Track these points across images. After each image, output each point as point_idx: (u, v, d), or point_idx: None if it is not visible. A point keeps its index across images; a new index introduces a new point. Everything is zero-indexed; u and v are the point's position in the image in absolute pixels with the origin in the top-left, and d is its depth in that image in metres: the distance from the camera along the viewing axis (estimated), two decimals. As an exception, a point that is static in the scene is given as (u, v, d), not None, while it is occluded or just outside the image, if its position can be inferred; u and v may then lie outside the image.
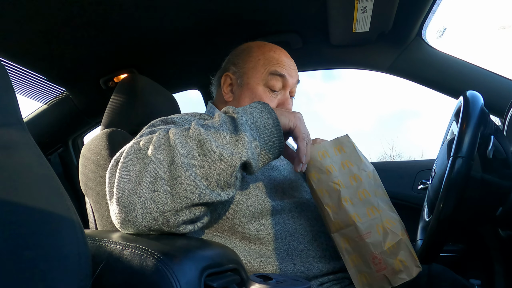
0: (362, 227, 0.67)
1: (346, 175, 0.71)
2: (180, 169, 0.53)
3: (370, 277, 0.68)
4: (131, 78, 1.07)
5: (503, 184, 0.69)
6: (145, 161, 0.54)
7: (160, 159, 0.54)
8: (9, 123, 0.40)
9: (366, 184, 0.70)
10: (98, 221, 0.87)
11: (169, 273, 0.41)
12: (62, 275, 0.37)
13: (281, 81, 0.87)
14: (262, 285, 0.37)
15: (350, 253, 0.70)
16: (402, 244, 0.67)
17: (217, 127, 0.58)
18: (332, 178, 0.70)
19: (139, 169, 0.54)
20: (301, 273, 0.71)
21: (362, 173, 0.71)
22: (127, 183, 0.53)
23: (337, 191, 0.69)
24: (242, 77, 0.90)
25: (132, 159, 0.55)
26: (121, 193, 0.53)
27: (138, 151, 0.56)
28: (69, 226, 0.39)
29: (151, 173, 0.53)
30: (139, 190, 0.52)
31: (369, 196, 0.69)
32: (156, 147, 0.55)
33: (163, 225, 0.54)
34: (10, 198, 0.36)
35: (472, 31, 7.68)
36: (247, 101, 0.87)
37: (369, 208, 0.69)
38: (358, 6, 0.99)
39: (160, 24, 1.10)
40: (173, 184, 0.53)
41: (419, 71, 1.25)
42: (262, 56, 0.89)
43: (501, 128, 0.85)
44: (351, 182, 0.70)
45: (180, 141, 0.55)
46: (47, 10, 0.94)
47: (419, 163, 1.46)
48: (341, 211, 0.69)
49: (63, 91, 1.45)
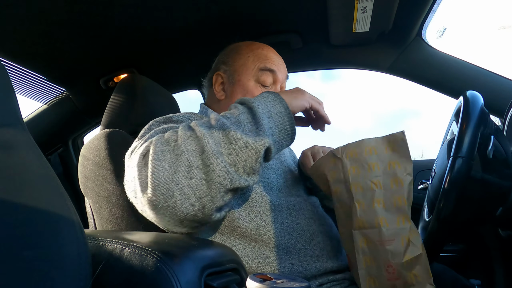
0: (387, 233, 0.65)
1: (389, 176, 0.67)
2: (211, 157, 0.56)
3: (379, 283, 0.67)
4: (131, 78, 1.08)
5: (503, 184, 0.69)
6: (176, 153, 0.57)
7: (191, 149, 0.57)
8: (9, 123, 0.40)
9: (406, 191, 0.66)
10: (97, 221, 0.87)
11: (169, 273, 0.41)
12: (62, 275, 0.37)
13: (271, 76, 0.89)
14: (262, 285, 0.37)
15: (366, 254, 0.68)
16: (421, 259, 0.65)
17: (237, 117, 0.61)
18: (371, 177, 0.67)
19: (171, 159, 0.57)
20: (299, 273, 0.71)
21: (406, 178, 0.66)
22: (161, 172, 0.56)
23: (372, 191, 0.66)
24: (233, 75, 0.91)
25: (162, 150, 0.58)
26: (157, 181, 0.55)
27: (166, 143, 0.59)
28: (69, 226, 0.39)
29: (184, 163, 0.56)
30: (176, 178, 0.55)
31: (405, 205, 0.65)
32: (184, 139, 0.58)
33: (199, 211, 0.57)
34: (10, 198, 0.36)
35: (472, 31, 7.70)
36: (235, 96, 0.89)
37: (400, 217, 0.65)
38: (358, 6, 0.99)
39: (160, 24, 1.10)
40: (207, 171, 0.56)
41: (419, 71, 1.25)
42: (251, 53, 0.91)
43: (501, 128, 0.85)
44: (391, 185, 0.66)
45: (206, 131, 0.58)
46: (47, 10, 0.94)
47: (419, 163, 1.46)
48: (370, 211, 0.66)
49: (63, 91, 1.45)
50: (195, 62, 1.38)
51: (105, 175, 0.82)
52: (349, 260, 0.75)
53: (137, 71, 1.35)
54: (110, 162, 0.82)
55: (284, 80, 0.93)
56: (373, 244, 0.66)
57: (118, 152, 0.84)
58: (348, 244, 0.74)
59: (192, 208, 0.56)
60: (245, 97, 0.67)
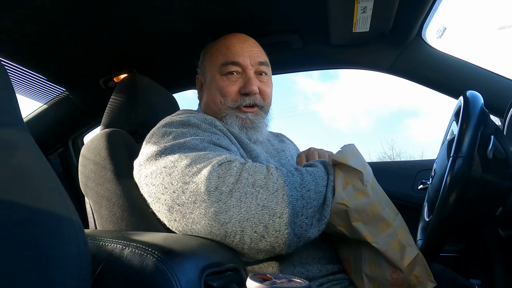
0: (378, 246, 0.65)
1: (351, 192, 0.67)
2: (283, 226, 0.61)
3: (383, 287, 0.68)
4: (131, 78, 1.07)
5: (503, 184, 0.69)
6: (258, 202, 0.61)
7: (271, 207, 0.61)
8: (9, 123, 0.40)
9: (374, 197, 0.67)
10: (97, 221, 0.87)
11: (169, 273, 0.41)
12: (62, 275, 0.37)
13: (237, 66, 0.88)
14: (262, 285, 0.37)
15: (372, 259, 0.69)
16: (418, 259, 0.65)
17: (321, 188, 0.68)
18: (337, 200, 0.67)
19: (251, 205, 0.61)
20: (301, 274, 0.71)
21: (367, 186, 0.67)
22: (237, 214, 0.60)
23: (345, 212, 0.66)
24: (204, 75, 0.95)
25: (246, 192, 0.62)
26: (228, 219, 0.60)
27: (252, 186, 0.63)
28: (69, 226, 0.39)
29: (259, 217, 0.61)
30: (245, 225, 0.60)
31: (380, 211, 0.66)
32: (271, 192, 0.63)
33: (237, 248, 0.62)
34: (10, 198, 0.36)
35: (472, 31, 7.68)
36: (209, 94, 0.91)
37: (381, 224, 0.66)
38: (358, 6, 0.99)
39: (160, 24, 1.10)
40: (271, 234, 0.61)
41: (419, 71, 1.25)
42: (216, 50, 0.92)
43: (501, 128, 0.85)
44: (358, 198, 0.67)
45: (293, 198, 0.63)
46: (47, 10, 0.94)
47: (419, 163, 1.46)
48: (354, 232, 0.66)
49: (63, 91, 1.45)
50: (195, 62, 1.38)
51: (105, 175, 0.82)
52: (348, 265, 0.75)
53: (137, 71, 1.35)
54: (111, 162, 0.82)
55: (255, 64, 0.89)
56: (375, 251, 0.67)
57: (118, 152, 0.84)
58: (346, 249, 0.74)
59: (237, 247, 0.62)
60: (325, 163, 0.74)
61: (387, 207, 0.68)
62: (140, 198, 0.76)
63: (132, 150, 0.85)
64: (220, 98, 0.88)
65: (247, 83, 0.87)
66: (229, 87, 0.87)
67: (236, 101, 0.87)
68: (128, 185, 0.78)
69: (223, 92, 0.87)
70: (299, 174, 0.68)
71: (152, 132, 0.77)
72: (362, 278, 0.70)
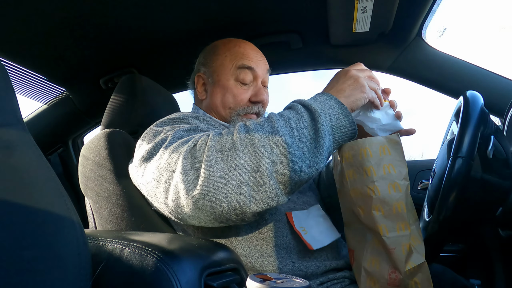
0: (388, 241, 0.64)
1: (386, 181, 0.65)
2: (265, 178, 0.58)
3: (379, 284, 0.67)
4: (131, 78, 1.07)
5: (503, 184, 0.69)
6: (230, 164, 0.58)
7: (245, 164, 0.58)
8: (9, 123, 0.40)
9: (404, 196, 0.65)
10: (97, 221, 0.87)
11: (169, 273, 0.41)
12: (62, 275, 0.37)
13: (250, 73, 0.90)
14: (262, 285, 0.37)
15: (374, 256, 0.68)
16: (423, 267, 0.64)
17: (299, 131, 0.61)
18: (368, 182, 0.65)
19: (224, 170, 0.58)
20: (300, 271, 0.71)
21: (403, 183, 0.65)
22: (212, 181, 0.58)
23: (370, 198, 0.65)
24: (212, 75, 0.93)
25: (216, 159, 0.59)
26: (207, 190, 0.58)
27: (220, 152, 0.60)
28: (69, 226, 0.39)
29: (237, 178, 0.58)
30: (226, 191, 0.58)
31: (404, 211, 0.64)
32: (240, 150, 0.59)
33: (238, 220, 0.61)
34: (10, 198, 0.36)
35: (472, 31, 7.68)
36: (219, 97, 0.91)
37: (400, 223, 0.64)
38: (358, 6, 0.99)
39: (160, 24, 1.10)
40: (257, 191, 0.58)
41: (419, 71, 1.25)
42: (228, 52, 0.92)
43: (501, 128, 0.85)
44: (389, 191, 0.64)
45: (266, 148, 0.58)
46: (47, 10, 0.94)
47: (419, 163, 1.46)
48: (370, 218, 0.65)
49: (63, 91, 1.45)
50: (195, 62, 1.38)
51: (105, 175, 0.82)
52: (352, 256, 0.75)
53: (137, 71, 1.35)
54: (110, 162, 0.82)
55: (264, 75, 0.93)
56: (381, 244, 0.67)
57: (118, 152, 0.84)
58: (353, 240, 0.74)
59: (235, 217, 0.60)
60: (312, 103, 0.64)
61: (411, 211, 0.66)
62: (140, 198, 0.76)
63: (132, 150, 0.85)
64: (231, 104, 0.90)
65: (258, 93, 0.91)
66: (243, 94, 0.90)
67: (245, 108, 0.90)
68: (128, 185, 0.78)
69: (237, 99, 0.89)
70: (268, 122, 0.63)
71: (144, 133, 0.77)
72: (360, 272, 0.70)
